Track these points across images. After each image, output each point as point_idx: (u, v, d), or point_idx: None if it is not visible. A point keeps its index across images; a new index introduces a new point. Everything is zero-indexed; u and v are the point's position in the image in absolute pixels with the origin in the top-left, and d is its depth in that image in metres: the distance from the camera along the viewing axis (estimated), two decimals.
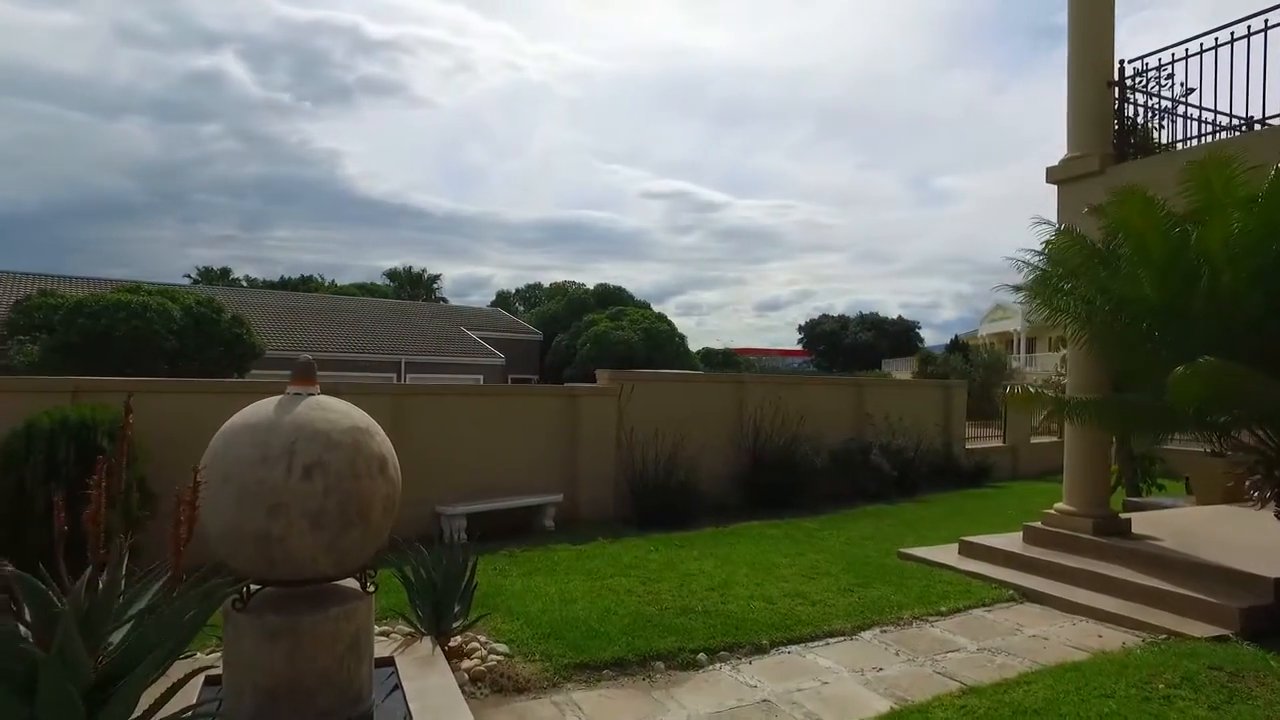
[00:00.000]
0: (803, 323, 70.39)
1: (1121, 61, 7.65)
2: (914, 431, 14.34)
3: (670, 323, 41.37)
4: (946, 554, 7.87)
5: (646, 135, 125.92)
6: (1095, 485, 7.51)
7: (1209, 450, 11.93)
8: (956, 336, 55.20)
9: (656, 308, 46.18)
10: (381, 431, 3.71)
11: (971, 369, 39.19)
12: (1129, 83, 7.59)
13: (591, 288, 48.91)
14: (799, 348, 69.61)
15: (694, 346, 48.18)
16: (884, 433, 13.88)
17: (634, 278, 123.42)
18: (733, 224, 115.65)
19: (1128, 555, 6.87)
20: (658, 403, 11.14)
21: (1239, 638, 5.58)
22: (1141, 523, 7.89)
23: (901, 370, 47.13)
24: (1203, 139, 7.25)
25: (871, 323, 67.23)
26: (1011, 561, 7.30)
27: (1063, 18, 7.77)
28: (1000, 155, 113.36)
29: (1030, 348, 50.40)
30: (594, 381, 11.26)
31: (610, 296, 46.24)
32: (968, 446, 16.41)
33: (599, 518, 10.22)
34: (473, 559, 5.32)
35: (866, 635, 5.77)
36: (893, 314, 68.48)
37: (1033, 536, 7.67)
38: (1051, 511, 7.70)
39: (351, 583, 3.65)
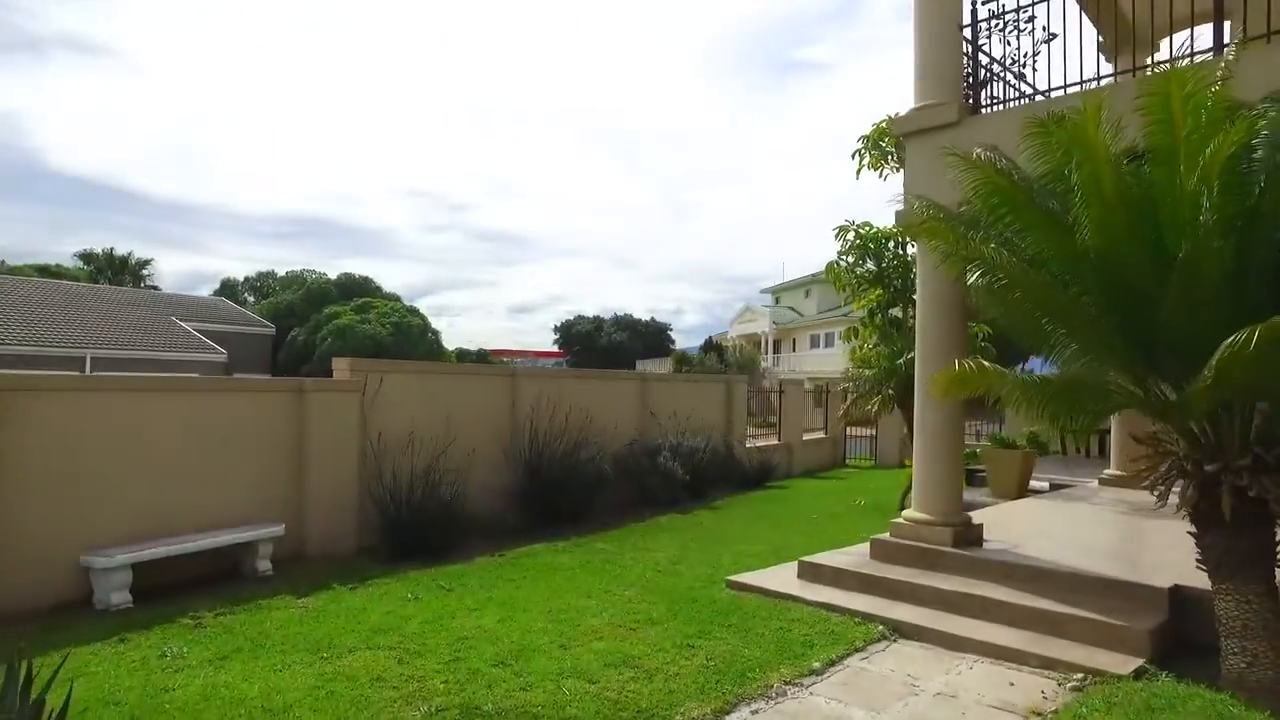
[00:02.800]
0: (558, 323, 69.28)
1: (974, 1, 6.68)
2: (700, 430, 13.19)
3: (423, 316, 38.20)
4: (784, 579, 6.44)
5: (402, 131, 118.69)
6: (951, 488, 6.45)
7: (1004, 443, 11.85)
8: (710, 337, 56.96)
9: None
10: None
11: (727, 368, 40.27)
12: (982, 26, 6.63)
13: (334, 277, 44.04)
14: (555, 349, 68.47)
15: (447, 346, 45.17)
16: (671, 432, 12.56)
17: (384, 276, 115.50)
18: (487, 226, 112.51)
19: (998, 569, 5.80)
20: (414, 401, 8.85)
21: (1155, 666, 4.62)
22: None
23: (658, 370, 47.41)
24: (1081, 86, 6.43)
25: (626, 324, 67.60)
26: (868, 586, 6.00)
27: (801, 54, 6.65)
28: (741, 174, 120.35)
29: (777, 348, 53.03)
30: (331, 375, 8.71)
31: (355, 287, 41.91)
32: (749, 445, 15.62)
33: (337, 552, 7.74)
34: (67, 688, 2.87)
35: None
36: (641, 318, 69.16)
37: (883, 552, 6.46)
38: (901, 520, 6.55)
39: None
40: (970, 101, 6.57)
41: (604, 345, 64.41)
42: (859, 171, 12.71)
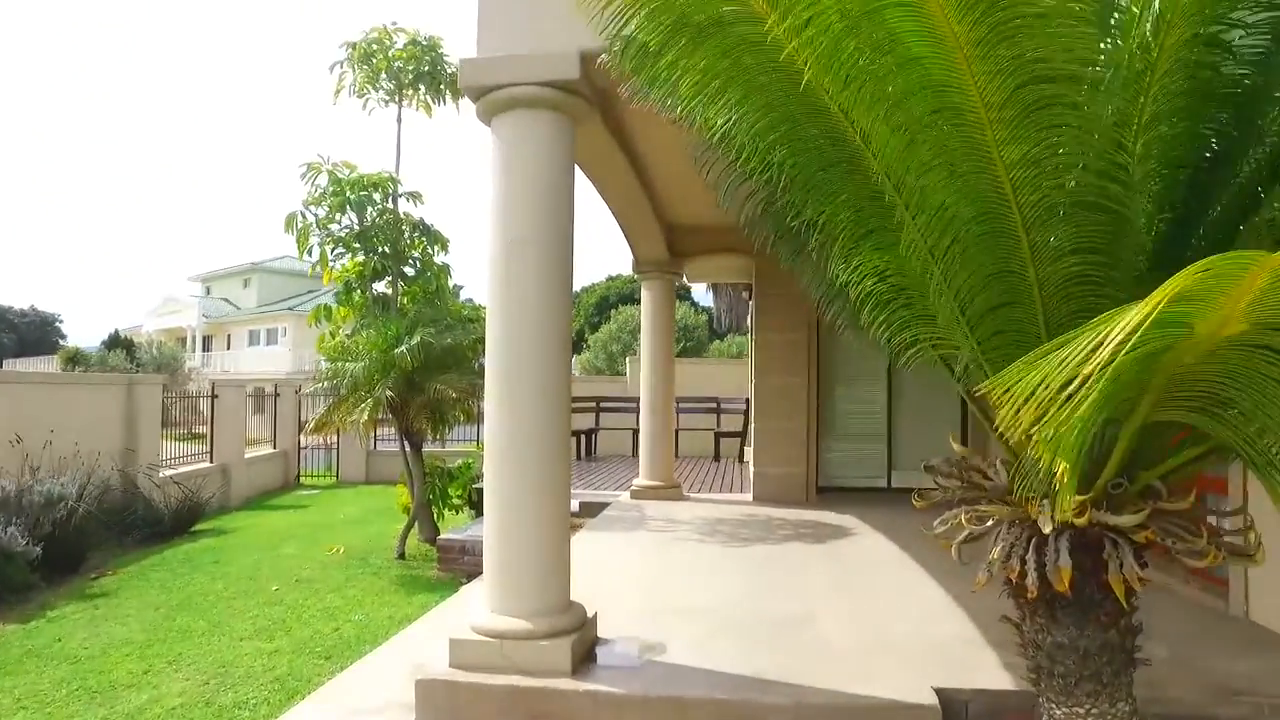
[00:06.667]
0: None
1: None
2: (78, 461, 8.36)
3: None
4: None
5: None
6: (557, 558, 3.58)
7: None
8: (117, 331, 45.66)
9: None
10: None
11: (139, 368, 32.03)
12: None
13: None
14: None
15: None
16: (15, 471, 7.59)
17: None
18: None
19: (671, 710, 3.18)
20: None
21: None
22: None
23: (38, 372, 35.97)
24: None
25: None
26: None
27: None
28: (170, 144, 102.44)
29: (207, 346, 44.98)
30: None
31: None
32: (166, 474, 10.84)
33: None
34: None
35: None
36: (19, 307, 52.95)
37: (444, 706, 3.31)
38: (472, 637, 3.43)
39: None
40: None
41: None
42: (337, 94, 9.31)
